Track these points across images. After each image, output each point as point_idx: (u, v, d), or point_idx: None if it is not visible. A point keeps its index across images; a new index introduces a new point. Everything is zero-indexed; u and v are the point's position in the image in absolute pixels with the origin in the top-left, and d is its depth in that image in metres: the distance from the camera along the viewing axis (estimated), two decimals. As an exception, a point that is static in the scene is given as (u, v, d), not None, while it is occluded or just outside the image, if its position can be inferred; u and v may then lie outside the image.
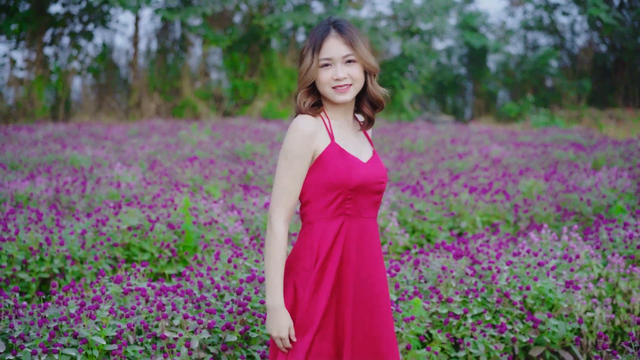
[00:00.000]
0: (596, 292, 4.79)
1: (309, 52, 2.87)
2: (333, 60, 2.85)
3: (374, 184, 2.88)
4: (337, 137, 2.90)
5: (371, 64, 2.88)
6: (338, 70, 2.83)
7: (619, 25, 25.00)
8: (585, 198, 7.51)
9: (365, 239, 2.89)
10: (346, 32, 2.85)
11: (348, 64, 2.85)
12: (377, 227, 2.96)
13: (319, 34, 2.87)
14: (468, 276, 4.50)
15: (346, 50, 2.84)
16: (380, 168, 2.93)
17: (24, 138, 14.18)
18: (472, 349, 4.12)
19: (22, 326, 3.51)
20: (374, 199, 2.91)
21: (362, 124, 2.99)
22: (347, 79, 2.84)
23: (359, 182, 2.84)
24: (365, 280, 2.88)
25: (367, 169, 2.88)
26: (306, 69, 2.86)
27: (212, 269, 4.56)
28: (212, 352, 3.63)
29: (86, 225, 5.92)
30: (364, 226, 2.89)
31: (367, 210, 2.89)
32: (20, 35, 23.22)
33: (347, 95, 2.87)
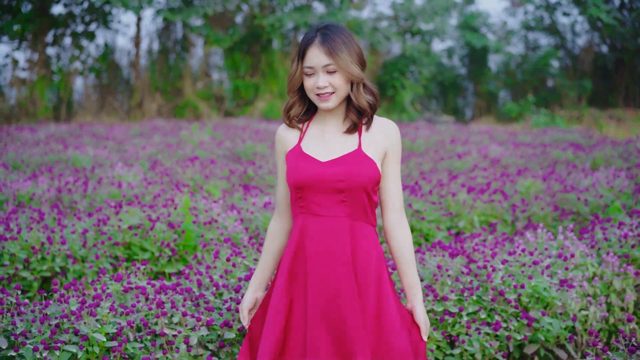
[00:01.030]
0: (591, 291, 4.84)
1: (295, 59, 2.97)
2: (314, 69, 2.91)
3: (327, 182, 2.94)
4: (309, 140, 3.05)
5: (353, 73, 2.91)
6: (319, 79, 2.90)
7: (620, 25, 25.05)
8: (583, 198, 7.56)
9: (328, 237, 2.96)
10: (329, 41, 2.89)
11: (330, 73, 2.90)
12: (350, 225, 2.98)
13: (304, 42, 2.94)
14: (464, 275, 4.56)
15: (326, 60, 2.89)
16: (340, 168, 2.94)
17: (26, 138, 14.25)
18: (467, 347, 4.18)
19: (24, 323, 3.57)
20: (336, 198, 2.95)
21: (348, 128, 3.02)
22: (328, 88, 2.91)
23: (304, 180, 2.96)
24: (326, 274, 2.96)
25: (319, 168, 2.96)
26: (292, 75, 2.99)
27: (211, 267, 4.62)
28: (210, 349, 3.69)
29: (87, 224, 5.98)
30: (325, 224, 2.97)
31: (328, 209, 2.97)
32: (22, 36, 23.30)
33: (329, 103, 2.94)
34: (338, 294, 2.95)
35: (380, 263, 3.01)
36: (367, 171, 2.94)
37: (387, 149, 3.00)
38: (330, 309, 2.95)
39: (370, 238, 3.01)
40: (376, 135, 3.01)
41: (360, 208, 2.98)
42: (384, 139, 3.01)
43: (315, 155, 3.01)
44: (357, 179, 2.93)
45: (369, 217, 3.02)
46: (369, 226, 3.02)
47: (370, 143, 3.00)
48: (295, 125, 3.10)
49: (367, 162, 2.95)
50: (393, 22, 26.84)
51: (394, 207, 3.03)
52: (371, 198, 3.00)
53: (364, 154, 2.96)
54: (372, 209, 3.03)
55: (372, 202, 3.01)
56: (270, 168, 9.99)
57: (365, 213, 3.00)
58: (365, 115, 3.00)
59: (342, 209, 2.97)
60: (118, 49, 26.08)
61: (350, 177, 2.93)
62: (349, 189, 2.94)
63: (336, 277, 2.96)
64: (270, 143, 13.76)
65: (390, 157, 3.01)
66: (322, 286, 2.98)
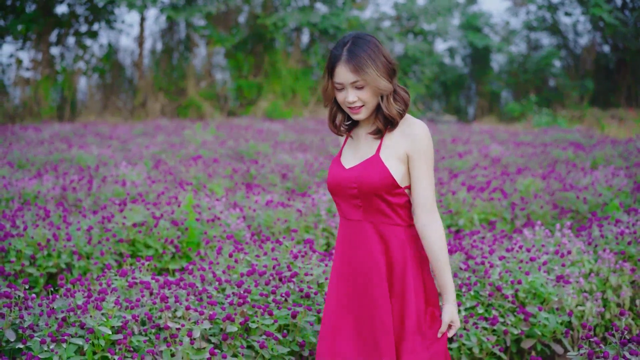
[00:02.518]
0: (587, 287, 4.92)
1: (326, 74, 3.05)
2: (343, 85, 2.97)
3: (344, 188, 3.06)
4: (347, 145, 3.19)
5: (380, 87, 2.95)
6: (348, 95, 2.97)
7: (621, 25, 25.07)
8: (582, 196, 7.64)
9: (354, 240, 3.10)
10: (355, 59, 2.93)
11: (358, 89, 2.97)
12: (369, 229, 3.06)
13: (333, 58, 2.99)
14: (462, 271, 4.65)
15: (353, 77, 2.93)
16: (353, 174, 3.04)
17: (31, 137, 14.34)
18: (464, 341, 4.26)
19: (31, 317, 3.65)
20: (352, 203, 3.07)
21: (372, 132, 3.08)
22: (357, 102, 2.98)
23: (329, 186, 3.13)
24: (355, 272, 3.10)
25: (340, 173, 3.09)
26: (325, 89, 3.07)
27: (214, 263, 4.71)
28: (213, 342, 3.77)
29: (92, 221, 6.06)
30: (351, 227, 3.11)
31: (350, 213, 3.10)
32: (26, 36, 23.40)
33: (360, 115, 3.02)
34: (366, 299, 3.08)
35: (408, 263, 3.05)
36: (378, 177, 2.98)
37: (410, 152, 3.00)
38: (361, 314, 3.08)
39: (395, 239, 3.05)
40: (399, 139, 3.03)
41: (377, 212, 3.03)
42: (406, 143, 3.01)
43: (346, 161, 3.13)
44: (367, 185, 2.99)
45: (392, 219, 3.04)
46: (394, 227, 3.05)
47: (392, 147, 3.03)
48: (344, 132, 3.20)
49: (379, 168, 2.99)
50: (395, 22, 26.90)
51: (420, 209, 3.01)
52: (390, 201, 3.02)
53: (379, 159, 3.00)
54: (396, 211, 3.04)
55: (392, 205, 3.03)
56: (273, 167, 10.07)
57: (386, 216, 3.04)
58: (394, 124, 3.04)
59: (360, 213, 3.07)
60: (121, 49, 26.18)
61: (360, 183, 3.01)
62: (361, 194, 3.02)
63: (363, 280, 3.08)
64: (273, 142, 13.84)
65: (415, 160, 3.00)
66: (353, 290, 3.11)
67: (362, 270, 3.08)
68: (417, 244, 3.09)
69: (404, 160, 3.01)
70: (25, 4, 22.96)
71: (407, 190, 3.06)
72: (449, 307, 3.07)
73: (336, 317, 3.13)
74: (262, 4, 25.86)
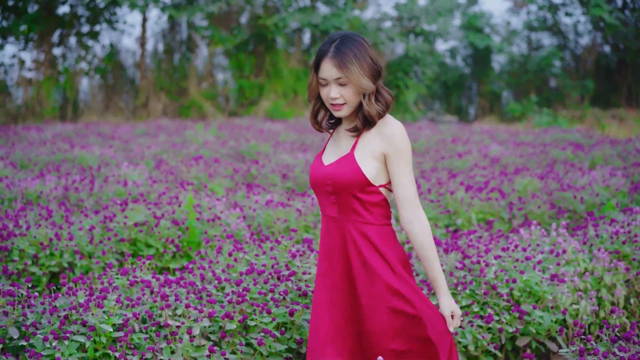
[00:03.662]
0: (582, 286, 4.99)
1: (312, 69, 3.12)
2: (327, 80, 3.05)
3: (321, 184, 3.13)
4: (329, 144, 3.25)
5: (362, 85, 3.01)
6: (331, 91, 3.04)
7: (622, 25, 25.10)
8: (579, 196, 7.69)
9: (331, 235, 3.17)
10: (340, 55, 3.00)
11: (341, 85, 3.04)
12: (350, 227, 3.11)
13: (319, 54, 3.07)
14: (458, 270, 4.71)
15: (337, 73, 3.01)
16: (328, 171, 3.10)
17: (33, 137, 14.41)
18: (460, 338, 4.33)
19: (34, 315, 3.71)
20: (329, 199, 3.13)
21: (350, 129, 3.13)
22: (339, 99, 3.05)
23: (310, 182, 3.20)
24: (332, 268, 3.18)
25: (318, 170, 3.16)
26: (310, 84, 3.15)
27: (214, 262, 4.77)
28: (212, 339, 3.83)
29: (94, 221, 6.13)
30: (329, 224, 3.17)
31: (327, 208, 3.17)
32: (28, 36, 23.47)
33: (342, 112, 3.09)
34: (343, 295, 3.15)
35: (381, 262, 3.08)
36: (350, 175, 3.03)
37: (385, 151, 3.04)
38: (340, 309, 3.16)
39: (366, 238, 3.09)
40: (375, 138, 3.07)
41: (351, 209, 3.08)
42: (381, 141, 3.06)
43: (325, 158, 3.20)
44: (340, 182, 3.05)
45: (364, 217, 3.08)
46: (366, 226, 3.09)
47: (367, 146, 3.07)
48: (326, 130, 3.28)
49: (351, 166, 3.04)
50: (396, 22, 26.95)
51: (404, 206, 3.05)
52: (363, 199, 3.06)
53: (353, 157, 3.05)
54: (369, 209, 3.08)
55: (365, 203, 3.07)
56: (273, 167, 10.13)
57: (358, 214, 3.08)
58: (372, 124, 3.09)
59: (335, 210, 3.13)
60: (123, 49, 26.24)
61: (334, 180, 3.07)
62: (336, 191, 3.08)
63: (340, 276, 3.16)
64: (274, 142, 13.90)
65: (393, 159, 3.04)
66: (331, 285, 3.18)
67: (338, 266, 3.15)
68: (391, 244, 3.12)
69: (380, 159, 3.06)
70: (27, 4, 23.02)
71: (383, 189, 3.10)
72: (445, 299, 3.07)
73: (320, 312, 3.19)
74: (263, 4, 25.92)
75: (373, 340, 3.09)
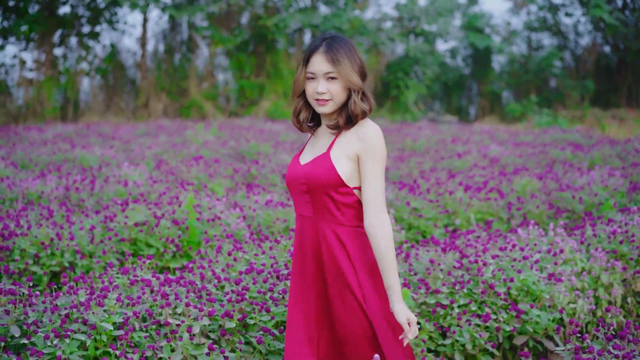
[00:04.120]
0: (579, 285, 5.02)
1: (300, 64, 3.15)
2: (316, 75, 3.07)
3: (295, 184, 3.15)
4: (308, 144, 3.27)
5: (353, 82, 3.05)
6: (319, 85, 3.06)
7: (622, 26, 25.13)
8: (578, 196, 7.72)
9: (304, 234, 3.18)
10: (332, 50, 3.05)
11: (330, 80, 3.06)
12: (323, 227, 3.11)
13: (310, 49, 3.11)
14: (455, 269, 4.75)
15: (328, 67, 3.05)
16: (304, 170, 3.11)
17: (34, 138, 14.45)
18: (458, 337, 4.37)
19: (35, 313, 3.75)
20: (303, 199, 3.14)
21: (331, 125, 3.14)
22: (326, 94, 3.07)
23: (286, 181, 3.21)
24: (304, 266, 3.20)
25: (292, 170, 3.18)
26: (297, 79, 3.16)
27: (214, 261, 4.81)
28: (212, 337, 3.87)
29: (95, 221, 6.17)
30: (303, 223, 3.19)
31: (301, 208, 3.17)
32: (29, 37, 23.51)
33: (326, 108, 3.09)
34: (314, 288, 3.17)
35: (348, 263, 3.09)
36: (324, 174, 3.05)
37: (359, 152, 3.06)
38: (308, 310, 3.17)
39: (338, 238, 3.10)
40: (351, 138, 3.08)
41: (324, 209, 3.09)
42: (357, 142, 3.05)
43: (303, 158, 3.22)
44: (314, 182, 3.07)
45: (337, 218, 3.09)
46: (338, 227, 3.10)
47: (343, 146, 3.09)
48: (307, 129, 3.29)
49: (327, 166, 3.06)
50: (397, 22, 26.98)
51: (368, 208, 3.04)
52: (336, 200, 3.07)
53: (328, 157, 3.08)
54: (341, 210, 3.09)
55: (338, 203, 3.08)
56: (273, 167, 10.17)
57: (332, 214, 3.09)
58: (353, 122, 3.11)
59: (310, 210, 3.14)
60: (124, 49, 26.28)
61: (308, 179, 3.09)
62: (310, 190, 3.09)
63: (310, 276, 3.17)
64: (274, 142, 13.95)
65: (364, 161, 3.05)
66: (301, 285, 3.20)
67: (311, 266, 3.16)
68: (361, 246, 3.11)
69: (354, 159, 3.07)
70: (28, 4, 23.06)
71: (357, 192, 3.10)
72: (400, 307, 2.99)
73: (291, 312, 3.22)
74: (263, 4, 25.96)
75: (348, 349, 3.10)
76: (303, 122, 3.27)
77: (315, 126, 3.29)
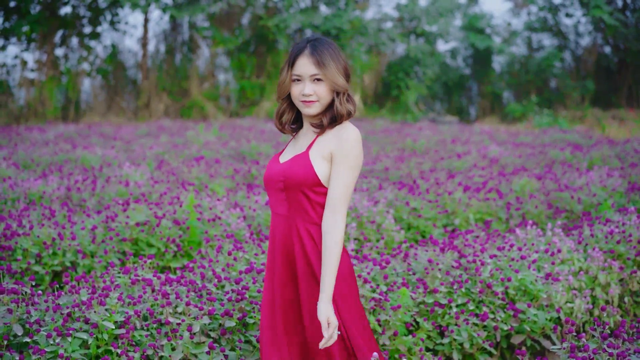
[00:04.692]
0: (576, 284, 5.07)
1: (285, 66, 3.17)
2: (302, 77, 3.11)
3: (272, 182, 3.17)
4: (289, 146, 3.29)
5: (338, 83, 3.09)
6: (305, 87, 3.10)
7: (622, 26, 25.16)
8: (576, 196, 7.76)
9: (277, 232, 3.19)
10: (318, 52, 3.09)
11: (316, 82, 3.10)
12: (297, 225, 3.13)
13: (295, 51, 3.14)
14: (454, 269, 4.80)
15: (314, 69, 3.08)
16: (282, 169, 3.13)
17: (36, 138, 14.50)
18: (456, 336, 4.41)
19: (37, 312, 3.80)
20: (279, 197, 3.15)
21: (314, 124, 3.16)
22: (312, 96, 3.10)
23: (264, 179, 3.23)
24: (274, 266, 3.21)
25: (273, 167, 3.20)
26: (282, 82, 3.18)
27: (214, 261, 4.86)
28: (212, 336, 3.92)
29: (96, 221, 6.21)
30: (277, 221, 3.20)
31: (277, 206, 3.19)
32: (31, 37, 23.56)
33: (312, 109, 3.13)
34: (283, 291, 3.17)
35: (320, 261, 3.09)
36: (302, 173, 3.07)
37: (334, 152, 3.06)
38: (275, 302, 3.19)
39: (312, 238, 3.11)
40: (330, 139, 3.10)
41: (300, 208, 3.11)
42: (333, 141, 3.08)
43: (282, 157, 3.24)
44: (291, 180, 3.08)
45: (311, 217, 3.11)
46: (312, 226, 3.11)
47: (321, 146, 3.11)
48: (289, 131, 3.32)
49: (304, 165, 3.08)
50: (397, 23, 27.01)
51: (328, 207, 3.07)
52: (312, 199, 3.09)
53: (307, 156, 3.10)
54: (316, 210, 3.10)
55: (314, 203, 3.10)
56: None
57: (306, 212, 3.11)
58: (337, 122, 3.13)
59: (285, 208, 3.15)
60: (125, 50, 26.33)
61: (286, 177, 3.10)
62: (287, 188, 3.11)
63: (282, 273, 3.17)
64: (275, 143, 13.98)
65: (336, 161, 3.07)
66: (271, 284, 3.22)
67: (283, 265, 3.16)
68: None
69: (329, 159, 3.09)
70: (29, 5, 23.11)
71: None
72: (324, 306, 2.98)
73: (265, 313, 3.23)
74: (264, 5, 26.00)
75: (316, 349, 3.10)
76: (286, 124, 3.30)
77: (297, 128, 3.32)
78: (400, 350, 4.26)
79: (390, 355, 4.27)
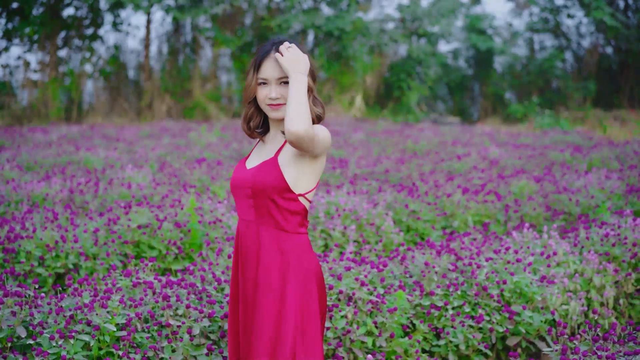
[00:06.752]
0: (571, 287, 5.13)
1: (251, 70, 3.14)
2: (268, 80, 3.08)
3: (239, 188, 3.13)
4: (256, 149, 3.26)
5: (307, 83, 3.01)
6: (272, 90, 3.08)
7: (623, 27, 25.17)
8: (574, 199, 7.81)
9: (244, 239, 3.15)
10: None
11: (282, 85, 3.07)
12: (264, 232, 3.08)
13: (261, 54, 3.11)
14: (450, 271, 4.87)
15: (280, 72, 3.05)
16: (250, 175, 3.09)
17: (39, 139, 14.56)
18: (451, 338, 4.48)
19: (40, 315, 3.86)
20: (247, 203, 3.11)
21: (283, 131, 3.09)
22: (279, 99, 3.07)
23: (230, 184, 3.20)
24: (242, 274, 3.17)
25: (237, 174, 3.16)
26: (248, 85, 3.15)
27: (214, 264, 4.93)
28: (212, 338, 3.99)
29: (99, 224, 6.27)
30: (244, 227, 3.15)
31: (244, 213, 3.15)
32: (33, 38, 23.64)
33: (280, 112, 3.09)
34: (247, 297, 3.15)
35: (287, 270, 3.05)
36: (270, 179, 3.04)
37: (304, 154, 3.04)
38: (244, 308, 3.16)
39: (278, 244, 3.07)
40: None
41: (268, 215, 3.07)
42: None
43: (249, 162, 3.20)
44: (260, 186, 3.04)
45: (280, 224, 3.07)
46: (280, 233, 3.07)
47: (289, 152, 3.07)
48: (257, 136, 3.26)
49: (273, 171, 3.05)
50: (399, 24, 27.05)
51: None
52: (280, 205, 3.05)
53: (276, 162, 3.06)
54: (285, 217, 3.06)
55: (282, 210, 3.06)
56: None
57: (275, 220, 3.06)
58: None
59: (252, 214, 3.11)
60: (128, 51, 26.39)
61: (254, 183, 3.06)
62: (254, 195, 3.06)
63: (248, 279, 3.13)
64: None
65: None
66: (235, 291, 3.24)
67: (246, 271, 3.14)
68: (302, 255, 3.08)
69: (297, 161, 3.05)
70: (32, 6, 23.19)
71: (302, 199, 3.08)
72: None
73: (230, 318, 3.27)
74: (266, 6, 26.06)
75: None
76: (254, 128, 3.25)
77: (263, 133, 3.26)
78: (396, 352, 4.34)
79: (387, 357, 4.34)
